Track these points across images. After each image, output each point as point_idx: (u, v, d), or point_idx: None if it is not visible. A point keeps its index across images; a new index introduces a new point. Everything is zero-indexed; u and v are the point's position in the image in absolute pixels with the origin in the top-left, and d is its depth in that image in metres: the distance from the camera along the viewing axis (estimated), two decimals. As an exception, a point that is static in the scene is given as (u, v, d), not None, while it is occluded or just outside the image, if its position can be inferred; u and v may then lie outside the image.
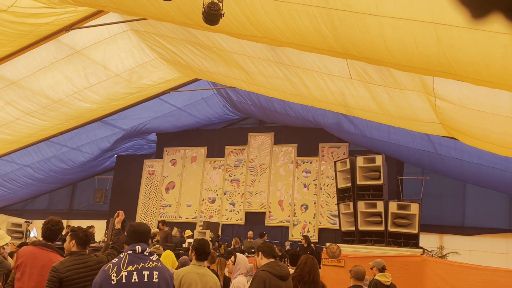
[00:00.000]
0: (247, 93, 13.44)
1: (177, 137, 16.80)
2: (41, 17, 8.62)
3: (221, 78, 10.62)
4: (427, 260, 8.18)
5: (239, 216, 15.41)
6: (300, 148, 15.17)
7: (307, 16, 4.75)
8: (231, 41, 7.98)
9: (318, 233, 14.26)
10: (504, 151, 6.71)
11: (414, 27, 4.06)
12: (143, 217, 16.66)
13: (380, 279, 6.23)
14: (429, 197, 13.48)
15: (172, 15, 6.54)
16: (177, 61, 11.24)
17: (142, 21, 9.32)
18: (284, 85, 8.75)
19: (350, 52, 5.18)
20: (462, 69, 4.31)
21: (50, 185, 18.12)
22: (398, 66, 5.07)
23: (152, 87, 13.16)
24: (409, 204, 9.23)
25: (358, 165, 9.58)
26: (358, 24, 4.44)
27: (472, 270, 8.20)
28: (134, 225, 3.32)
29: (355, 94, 7.63)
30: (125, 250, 3.17)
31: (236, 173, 15.87)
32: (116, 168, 17.94)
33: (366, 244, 9.15)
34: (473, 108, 5.81)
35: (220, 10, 5.02)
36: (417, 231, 8.90)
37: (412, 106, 7.11)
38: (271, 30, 5.47)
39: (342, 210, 9.87)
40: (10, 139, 13.55)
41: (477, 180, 12.57)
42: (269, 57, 7.95)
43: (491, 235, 13.22)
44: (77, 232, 3.91)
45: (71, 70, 11.21)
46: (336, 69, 7.11)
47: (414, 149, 12.18)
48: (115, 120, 15.17)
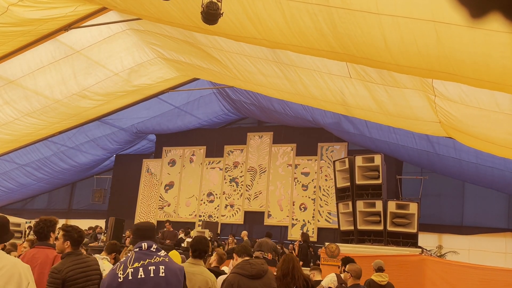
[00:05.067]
0: (246, 92, 13.44)
1: (176, 137, 16.80)
2: (41, 17, 8.61)
3: (220, 77, 10.62)
4: (425, 260, 8.19)
5: (238, 216, 15.42)
6: (299, 148, 15.17)
7: (307, 14, 4.75)
8: (230, 40, 7.97)
9: (317, 233, 14.26)
10: (504, 151, 6.71)
11: (414, 25, 4.06)
12: (142, 217, 16.65)
13: (375, 278, 6.25)
14: (428, 196, 13.49)
15: (172, 15, 6.54)
16: (176, 60, 11.24)
17: (142, 20, 9.31)
18: (283, 84, 8.75)
19: (350, 52, 5.18)
20: (461, 68, 4.31)
21: (49, 184, 18.12)
22: (397, 67, 5.07)
23: (151, 86, 13.16)
24: (408, 203, 9.24)
25: (357, 164, 9.58)
26: (358, 22, 4.45)
27: (471, 269, 8.21)
28: (137, 224, 3.34)
29: (354, 93, 7.64)
30: (133, 248, 3.20)
31: (235, 173, 15.87)
32: (115, 167, 17.94)
33: (365, 243, 9.15)
34: (473, 106, 5.82)
35: (219, 10, 5.02)
36: (416, 230, 8.91)
37: (411, 104, 7.12)
38: (271, 30, 5.47)
39: (341, 209, 9.88)
40: (9, 138, 13.54)
41: (476, 179, 12.59)
42: (268, 56, 7.95)
43: (490, 234, 13.23)
44: (71, 233, 3.85)
45: (70, 70, 11.20)
46: (335, 68, 7.11)
47: (413, 148, 12.20)
48: (114, 119, 15.17)
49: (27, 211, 18.64)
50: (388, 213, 9.01)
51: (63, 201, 19.33)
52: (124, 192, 17.17)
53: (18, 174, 16.40)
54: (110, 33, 10.46)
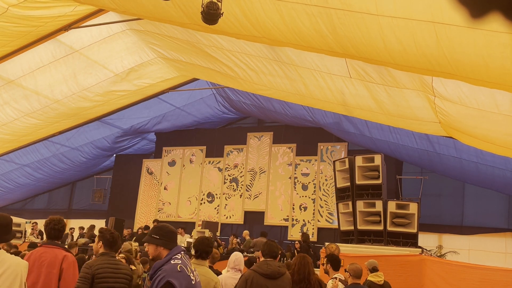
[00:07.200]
0: (246, 92, 13.44)
1: (176, 137, 16.79)
2: (41, 17, 8.61)
3: (221, 77, 10.62)
4: (425, 260, 8.19)
5: (238, 216, 15.42)
6: (299, 148, 15.17)
7: (306, 16, 4.75)
8: (230, 39, 7.98)
9: (317, 233, 14.26)
10: (504, 151, 6.72)
11: (413, 26, 4.06)
12: (142, 217, 16.66)
13: (372, 279, 6.26)
14: (428, 196, 13.48)
15: (171, 14, 6.54)
16: (176, 60, 11.24)
17: (142, 20, 9.31)
18: (283, 84, 8.76)
19: (349, 52, 5.18)
20: (461, 68, 4.31)
21: (49, 184, 18.12)
22: (397, 66, 5.07)
23: (151, 86, 13.16)
24: (408, 203, 9.24)
25: (357, 164, 9.58)
26: (357, 23, 4.44)
27: (471, 270, 8.21)
28: (167, 226, 3.28)
29: (354, 93, 7.64)
30: (176, 251, 3.10)
31: (235, 173, 15.87)
32: (115, 167, 17.94)
33: (365, 243, 9.15)
34: (472, 107, 5.82)
35: (219, 10, 5.02)
36: (416, 230, 8.91)
37: (411, 105, 7.12)
38: (270, 30, 5.47)
39: (341, 209, 9.88)
40: (8, 138, 13.54)
41: (476, 179, 12.58)
42: (268, 55, 7.96)
43: (490, 234, 13.23)
44: (104, 234, 4.07)
45: (70, 70, 11.20)
46: (335, 68, 7.11)
47: (413, 148, 12.19)
48: (114, 119, 15.16)
49: (27, 211, 18.63)
50: (388, 213, 9.00)
51: (63, 201, 19.32)
52: (124, 192, 17.17)
53: (17, 174, 16.39)
54: (110, 33, 10.46)
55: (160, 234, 3.13)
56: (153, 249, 3.11)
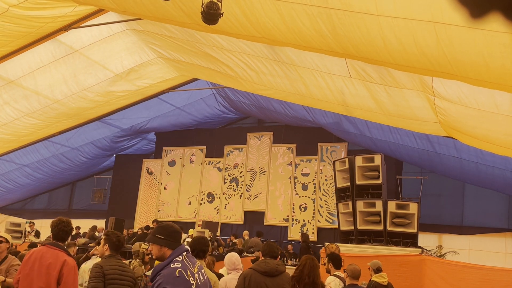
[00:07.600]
0: (246, 92, 13.44)
1: (176, 137, 16.79)
2: (41, 17, 8.62)
3: (221, 77, 10.62)
4: (426, 260, 8.19)
5: (238, 216, 15.42)
6: (299, 148, 15.17)
7: (306, 16, 4.75)
8: (230, 39, 7.98)
9: (317, 233, 14.26)
10: (504, 151, 6.72)
11: (413, 26, 4.06)
12: (142, 217, 16.66)
13: (377, 280, 6.25)
14: (428, 196, 13.48)
15: (172, 14, 6.54)
16: (176, 60, 11.24)
17: (142, 20, 9.31)
18: (283, 84, 8.76)
19: (349, 52, 5.18)
20: (461, 68, 4.31)
21: (49, 184, 18.11)
22: (397, 66, 5.07)
23: (151, 86, 13.16)
24: (408, 203, 9.25)
25: (357, 164, 9.59)
26: (357, 23, 4.44)
27: (471, 270, 8.21)
28: (172, 225, 3.16)
29: (354, 93, 7.64)
30: (178, 252, 3.01)
31: (235, 173, 15.87)
32: (115, 167, 17.94)
33: (365, 243, 9.16)
34: (472, 107, 5.82)
35: (219, 10, 5.03)
36: (416, 230, 8.92)
37: (411, 105, 7.12)
38: (270, 30, 5.48)
39: (341, 209, 9.88)
40: (8, 138, 13.54)
41: (476, 179, 12.58)
42: (268, 55, 7.96)
43: (490, 234, 13.23)
44: (111, 237, 4.18)
45: (70, 70, 11.20)
46: (335, 68, 7.11)
47: (413, 148, 12.19)
48: (114, 119, 15.17)
49: (27, 211, 18.63)
50: (388, 213, 9.01)
51: (63, 201, 19.32)
52: (124, 192, 17.17)
53: (18, 174, 16.39)
54: (110, 33, 10.46)
55: (165, 234, 3.02)
56: (157, 249, 3.02)
